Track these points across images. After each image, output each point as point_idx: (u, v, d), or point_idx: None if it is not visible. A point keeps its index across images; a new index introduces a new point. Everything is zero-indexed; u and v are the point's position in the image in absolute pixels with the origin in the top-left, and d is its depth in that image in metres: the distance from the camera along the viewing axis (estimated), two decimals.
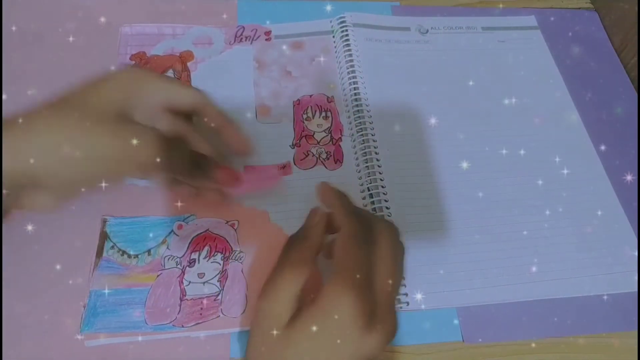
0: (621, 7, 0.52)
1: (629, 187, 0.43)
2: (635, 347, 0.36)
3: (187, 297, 0.35)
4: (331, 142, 0.43)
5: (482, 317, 0.37)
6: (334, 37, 0.49)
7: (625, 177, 0.43)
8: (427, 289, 0.37)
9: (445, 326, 0.36)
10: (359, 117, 0.44)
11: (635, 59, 0.50)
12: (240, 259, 0.37)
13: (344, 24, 0.49)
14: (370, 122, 0.43)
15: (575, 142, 0.45)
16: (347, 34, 0.48)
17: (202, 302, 0.35)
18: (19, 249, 0.35)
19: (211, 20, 0.49)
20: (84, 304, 0.34)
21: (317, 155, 0.42)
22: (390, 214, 0.39)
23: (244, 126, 0.38)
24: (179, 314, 0.34)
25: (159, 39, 0.47)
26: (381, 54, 0.49)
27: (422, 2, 0.54)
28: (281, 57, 0.48)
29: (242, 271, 0.36)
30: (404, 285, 0.36)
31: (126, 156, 0.30)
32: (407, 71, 0.48)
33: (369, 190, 0.40)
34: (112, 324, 0.33)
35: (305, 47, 0.49)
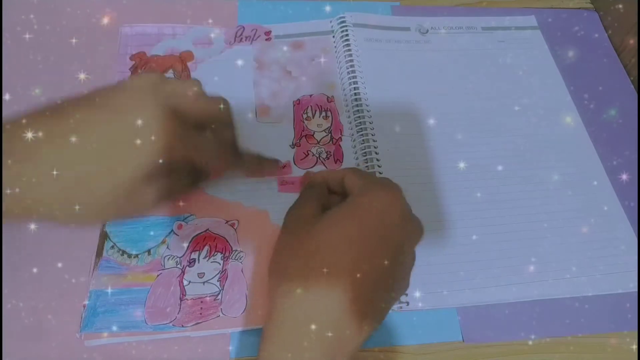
0: (621, 7, 0.52)
1: (628, 187, 0.43)
2: (634, 347, 0.36)
3: (187, 297, 0.35)
4: (331, 142, 0.43)
5: (482, 317, 0.37)
6: (334, 37, 0.49)
7: (625, 177, 0.43)
8: (426, 288, 0.37)
9: (445, 326, 0.36)
10: (359, 117, 0.44)
11: (635, 59, 0.50)
12: (240, 259, 0.37)
13: (344, 24, 0.49)
14: (370, 122, 0.43)
15: (575, 142, 0.45)
16: (347, 34, 0.48)
17: (202, 302, 0.35)
18: (19, 249, 0.35)
19: (211, 20, 0.49)
20: (84, 303, 0.34)
21: (317, 155, 0.42)
22: None
23: (244, 126, 0.38)
24: (178, 313, 0.34)
25: (159, 39, 0.47)
26: (381, 54, 0.49)
27: (422, 2, 0.54)
28: (281, 57, 0.48)
29: (242, 271, 0.36)
30: None
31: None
32: (407, 71, 0.48)
33: None
34: (112, 323, 0.33)
35: (305, 47, 0.49)
